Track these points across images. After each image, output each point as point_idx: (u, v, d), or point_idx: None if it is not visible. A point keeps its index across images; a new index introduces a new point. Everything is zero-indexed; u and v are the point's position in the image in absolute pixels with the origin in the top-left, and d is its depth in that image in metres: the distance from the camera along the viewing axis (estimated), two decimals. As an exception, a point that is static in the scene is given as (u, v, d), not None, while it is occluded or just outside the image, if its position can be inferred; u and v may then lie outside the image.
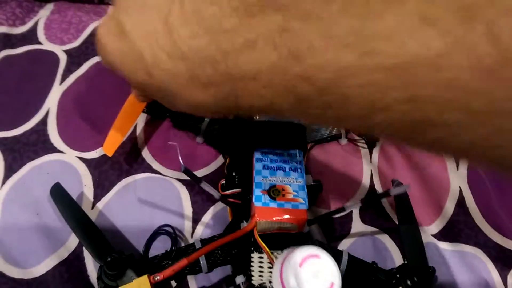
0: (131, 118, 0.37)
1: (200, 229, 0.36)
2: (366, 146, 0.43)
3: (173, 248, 0.33)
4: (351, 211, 0.38)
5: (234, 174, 0.37)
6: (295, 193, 0.30)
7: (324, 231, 0.37)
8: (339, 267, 0.33)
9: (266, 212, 0.29)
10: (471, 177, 0.40)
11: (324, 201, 0.38)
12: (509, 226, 0.38)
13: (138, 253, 0.34)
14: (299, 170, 0.31)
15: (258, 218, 0.28)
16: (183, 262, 0.27)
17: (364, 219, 0.38)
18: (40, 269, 0.32)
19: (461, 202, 0.39)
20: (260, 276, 0.29)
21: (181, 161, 0.25)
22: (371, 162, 0.42)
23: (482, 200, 0.39)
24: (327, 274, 0.24)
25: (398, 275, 0.32)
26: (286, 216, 0.28)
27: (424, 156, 0.42)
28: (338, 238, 0.37)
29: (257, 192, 0.30)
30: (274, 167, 0.31)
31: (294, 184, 0.30)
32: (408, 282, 0.31)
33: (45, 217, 0.34)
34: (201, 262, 0.32)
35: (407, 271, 0.32)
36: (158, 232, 0.35)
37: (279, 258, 0.26)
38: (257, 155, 0.32)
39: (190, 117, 0.41)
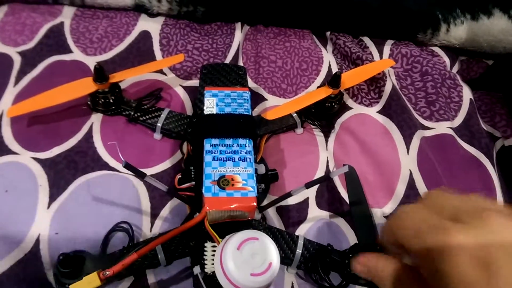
0: (62, 97, 0.38)
1: (158, 223, 0.36)
2: (322, 134, 0.44)
3: (130, 244, 0.34)
4: (307, 198, 0.40)
5: (191, 168, 0.38)
6: (244, 182, 0.31)
7: (283, 218, 0.38)
8: (295, 251, 0.34)
9: (216, 202, 0.29)
10: (421, 160, 0.42)
11: (281, 189, 0.39)
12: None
13: (96, 251, 0.34)
14: (248, 160, 0.32)
15: (208, 208, 0.29)
16: (133, 256, 0.28)
17: (320, 205, 0.39)
18: (-5, 271, 0.32)
19: (411, 184, 0.41)
20: (212, 264, 0.30)
21: (121, 156, 0.26)
22: (327, 149, 0.43)
23: (431, 181, 0.41)
24: (266, 255, 0.25)
25: (350, 255, 0.34)
26: (236, 205, 0.29)
27: (377, 142, 0.44)
28: (296, 224, 0.38)
29: (206, 183, 0.30)
30: (223, 158, 0.32)
31: (243, 173, 0.31)
32: (360, 261, 0.33)
33: (-2, 220, 0.34)
34: (159, 256, 0.33)
35: (358, 250, 0.34)
36: (116, 229, 0.35)
37: (220, 245, 0.27)
38: (207, 147, 0.33)
39: (146, 114, 0.41)
